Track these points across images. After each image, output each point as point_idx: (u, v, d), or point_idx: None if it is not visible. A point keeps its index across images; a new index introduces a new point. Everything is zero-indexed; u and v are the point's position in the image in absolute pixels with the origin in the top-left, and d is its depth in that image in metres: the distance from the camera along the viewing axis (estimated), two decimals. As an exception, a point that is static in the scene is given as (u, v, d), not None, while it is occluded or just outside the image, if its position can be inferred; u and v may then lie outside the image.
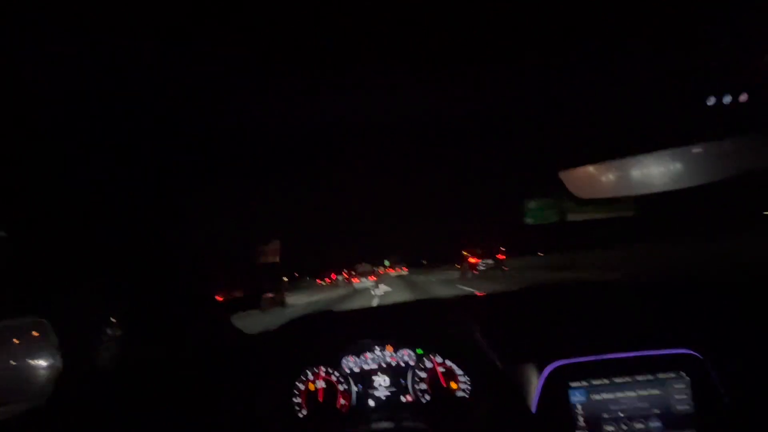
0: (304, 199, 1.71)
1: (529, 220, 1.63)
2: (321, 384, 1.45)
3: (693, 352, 1.23)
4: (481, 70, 0.95)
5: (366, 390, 1.46)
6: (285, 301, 14.26)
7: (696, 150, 1.03)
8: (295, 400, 1.44)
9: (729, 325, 1.27)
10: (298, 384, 1.45)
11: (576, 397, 1.23)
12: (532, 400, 1.22)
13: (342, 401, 1.44)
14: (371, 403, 1.45)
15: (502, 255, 16.39)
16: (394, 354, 1.49)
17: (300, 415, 1.43)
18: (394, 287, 16.52)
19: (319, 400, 1.43)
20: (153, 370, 1.26)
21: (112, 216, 1.17)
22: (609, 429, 1.21)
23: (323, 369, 1.47)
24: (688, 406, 1.21)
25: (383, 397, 1.45)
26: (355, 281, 19.77)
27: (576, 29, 0.81)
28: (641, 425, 1.21)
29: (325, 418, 1.42)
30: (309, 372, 1.47)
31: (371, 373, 1.47)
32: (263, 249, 1.82)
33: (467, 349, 1.42)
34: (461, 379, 1.42)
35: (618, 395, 1.23)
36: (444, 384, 1.42)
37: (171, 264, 1.37)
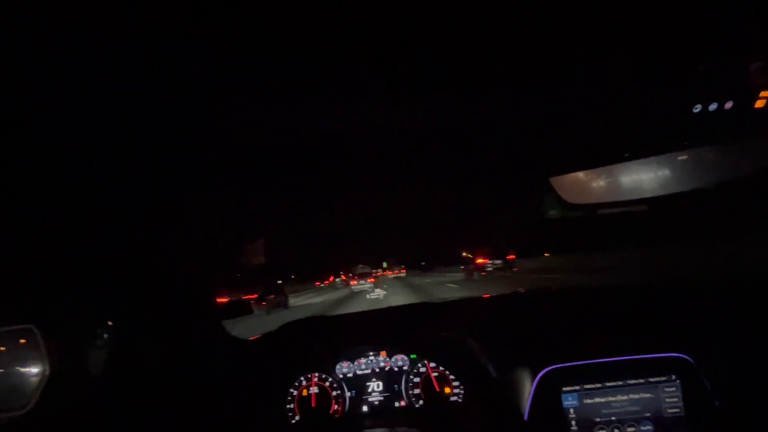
0: (302, 202, 1.71)
1: (553, 212, 1.58)
2: (314, 389, 1.45)
3: (684, 356, 1.24)
4: (477, 79, 0.96)
5: (359, 395, 1.45)
6: (287, 303, 14.35)
7: (683, 156, 1.04)
8: (288, 405, 1.43)
9: (720, 330, 1.28)
10: (291, 390, 1.45)
11: (568, 402, 1.24)
12: (524, 404, 1.22)
13: (335, 407, 1.43)
14: (365, 409, 1.44)
15: (512, 255, 15.63)
16: (387, 359, 1.49)
17: (293, 421, 1.42)
18: (392, 290, 15.93)
19: (312, 405, 1.43)
20: (146, 375, 1.24)
21: (105, 219, 1.16)
22: (601, 433, 1.22)
23: (317, 374, 1.47)
24: (679, 409, 1.22)
25: (377, 403, 1.44)
26: (353, 283, 19.71)
27: (566, 40, 0.82)
28: (633, 429, 1.22)
29: (318, 423, 1.42)
30: (302, 377, 1.46)
31: (365, 379, 1.47)
32: (248, 249, 1.79)
33: (461, 354, 1.42)
34: (454, 384, 1.43)
35: (610, 399, 1.24)
36: (437, 389, 1.42)
37: (166, 270, 1.36)
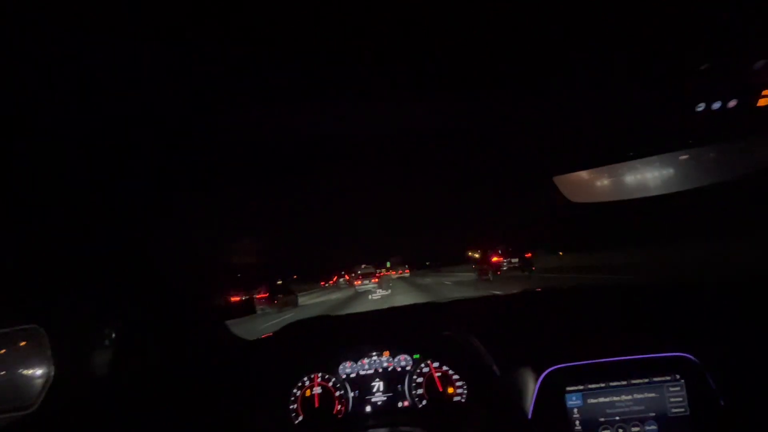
0: (304, 202, 1.71)
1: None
2: (317, 390, 1.45)
3: (688, 355, 1.23)
4: (480, 78, 0.96)
5: (362, 395, 1.45)
6: (297, 302, 14.56)
7: (687, 155, 1.04)
8: (291, 406, 1.43)
9: (724, 329, 1.27)
10: (294, 390, 1.45)
11: (572, 401, 1.23)
12: (528, 404, 1.22)
13: (338, 407, 1.43)
14: (368, 409, 1.44)
15: (530, 253, 14.17)
16: (391, 359, 1.48)
17: (296, 422, 1.42)
18: (398, 291, 15.19)
19: (316, 406, 1.43)
20: (149, 376, 1.25)
21: (108, 220, 1.17)
22: (605, 433, 1.22)
23: (320, 375, 1.47)
24: (683, 409, 1.21)
25: (380, 403, 1.44)
26: (357, 283, 19.66)
27: (569, 40, 0.82)
28: (637, 428, 1.21)
29: (322, 424, 1.42)
30: (306, 378, 1.46)
31: (368, 379, 1.47)
32: (237, 248, 1.77)
33: (464, 354, 1.42)
34: (458, 384, 1.42)
35: (614, 399, 1.23)
36: (440, 389, 1.42)
37: (167, 270, 1.37)
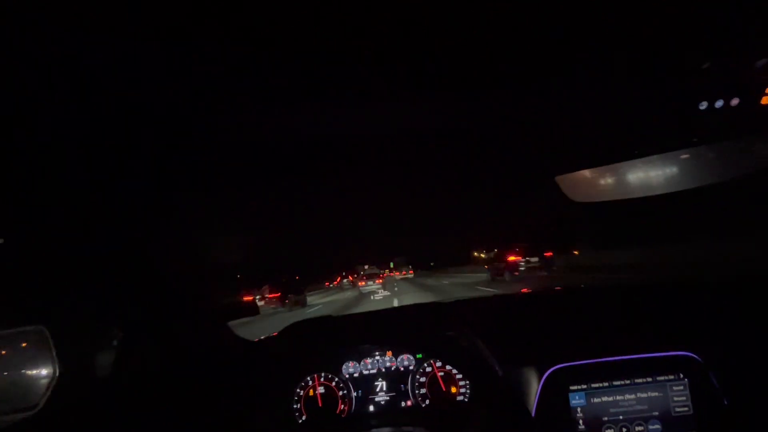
0: (306, 202, 1.71)
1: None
2: (321, 389, 1.45)
3: (692, 354, 1.23)
4: (482, 78, 0.96)
5: (366, 395, 1.45)
6: (306, 302, 14.88)
7: (690, 153, 1.04)
8: (295, 406, 1.44)
9: (728, 328, 1.27)
10: (297, 390, 1.45)
11: (576, 401, 1.23)
12: (531, 403, 1.22)
13: (342, 407, 1.44)
14: (371, 409, 1.44)
15: (550, 252, 12.94)
16: (394, 359, 1.49)
17: (300, 421, 1.42)
18: (404, 292, 14.57)
19: (319, 405, 1.43)
20: (153, 376, 1.25)
21: (111, 220, 1.17)
22: (609, 432, 1.21)
23: (323, 374, 1.47)
24: (687, 408, 1.21)
25: (383, 402, 1.45)
26: (361, 284, 19.64)
27: (572, 39, 0.82)
28: (641, 428, 1.21)
29: (325, 423, 1.42)
30: (309, 378, 1.47)
31: (371, 379, 1.47)
32: (220, 246, 1.74)
33: (467, 354, 1.42)
34: (461, 384, 1.42)
35: (617, 398, 1.23)
36: (444, 388, 1.42)
37: (170, 270, 1.37)
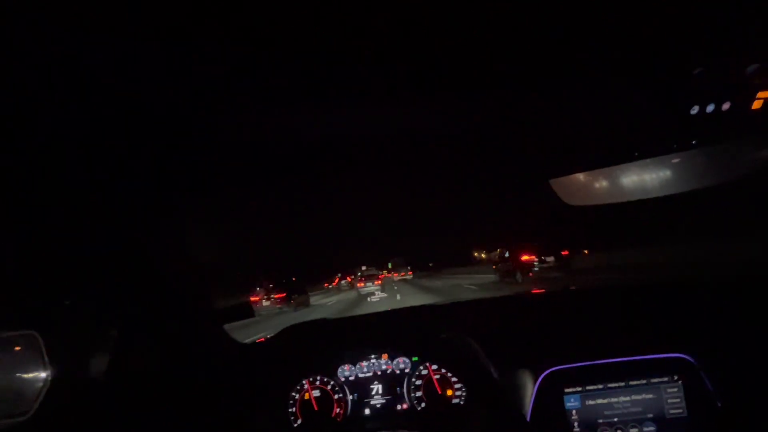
0: (305, 204, 1.71)
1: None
2: (316, 393, 1.45)
3: (686, 356, 1.24)
4: (478, 80, 0.97)
5: (361, 398, 1.45)
6: (309, 302, 15.25)
7: (681, 157, 1.05)
8: (290, 409, 1.43)
9: (722, 330, 1.28)
10: (293, 393, 1.45)
11: (571, 403, 1.24)
12: (527, 406, 1.22)
13: (337, 410, 1.43)
14: (367, 412, 1.44)
15: (567, 251, 11.94)
16: (389, 362, 1.48)
17: (295, 425, 1.42)
18: (406, 295, 13.82)
19: (314, 409, 1.43)
20: (148, 380, 1.24)
21: (105, 222, 1.17)
22: (604, 434, 1.22)
23: (318, 378, 1.47)
24: (681, 410, 1.22)
25: (378, 405, 1.44)
26: (360, 285, 19.56)
27: (564, 43, 0.83)
28: (635, 429, 1.22)
29: (321, 427, 1.41)
30: (304, 381, 1.46)
31: (367, 382, 1.47)
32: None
33: (462, 357, 1.42)
34: (456, 387, 1.42)
35: (612, 400, 1.24)
36: (439, 391, 1.42)
37: (166, 272, 1.37)
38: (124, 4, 0.62)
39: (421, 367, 1.46)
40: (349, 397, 1.45)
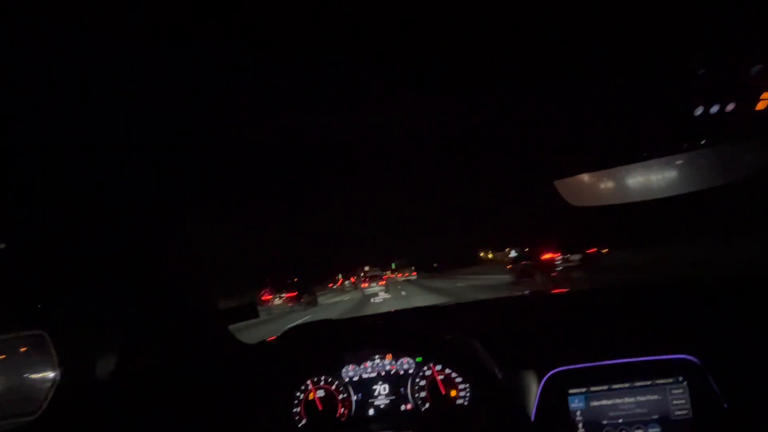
0: (309, 205, 1.72)
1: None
2: (320, 393, 1.45)
3: (691, 357, 1.23)
4: (482, 81, 0.97)
5: (365, 398, 1.45)
6: (317, 302, 15.46)
7: (686, 158, 1.04)
8: (295, 409, 1.44)
9: (727, 331, 1.27)
10: (297, 393, 1.45)
11: (575, 404, 1.23)
12: (531, 407, 1.22)
13: (342, 410, 1.44)
14: (371, 412, 1.44)
15: (594, 248, 10.52)
16: (393, 362, 1.49)
17: (299, 425, 1.42)
18: (414, 295, 13.47)
19: (319, 409, 1.43)
20: (153, 380, 1.25)
21: (110, 222, 1.18)
22: (608, 435, 1.21)
23: (323, 378, 1.47)
24: (686, 411, 1.21)
25: (383, 406, 1.45)
26: (364, 286, 19.52)
27: (568, 44, 0.83)
28: (640, 431, 1.21)
29: (325, 427, 1.42)
30: (309, 381, 1.47)
31: (371, 382, 1.47)
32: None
33: (466, 357, 1.42)
34: (461, 387, 1.42)
35: (617, 401, 1.23)
36: (443, 392, 1.42)
37: (170, 272, 1.38)
38: (124, 3, 0.62)
39: (425, 368, 1.46)
40: (354, 398, 1.45)
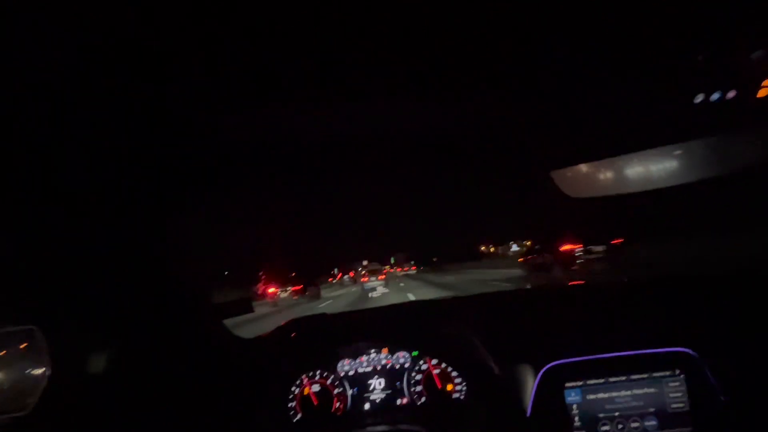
0: (307, 201, 1.71)
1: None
2: (316, 388, 1.45)
3: (688, 350, 1.22)
4: (479, 73, 0.95)
5: (361, 393, 1.45)
6: (320, 294, 16.04)
7: (686, 147, 1.02)
8: (290, 404, 1.43)
9: (724, 324, 1.27)
10: (292, 388, 1.45)
11: (571, 397, 1.23)
12: (527, 401, 1.22)
13: (337, 404, 1.43)
14: (367, 406, 1.44)
15: (620, 239, 8.98)
16: (389, 356, 1.48)
17: (295, 420, 1.42)
18: (414, 288, 13.29)
19: (314, 403, 1.43)
20: (147, 375, 1.25)
21: (105, 219, 1.17)
22: (605, 428, 1.21)
23: (318, 372, 1.47)
24: (683, 404, 1.21)
25: (379, 400, 1.44)
26: (364, 280, 19.55)
27: (567, 32, 0.81)
28: (637, 424, 1.21)
29: (321, 421, 1.42)
30: (304, 376, 1.46)
31: (367, 376, 1.47)
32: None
33: (462, 351, 1.41)
34: (457, 381, 1.42)
35: (613, 394, 1.23)
36: (439, 386, 1.41)
37: (165, 269, 1.36)
38: (124, 3, 0.62)
39: (421, 362, 1.45)
40: (349, 392, 1.45)
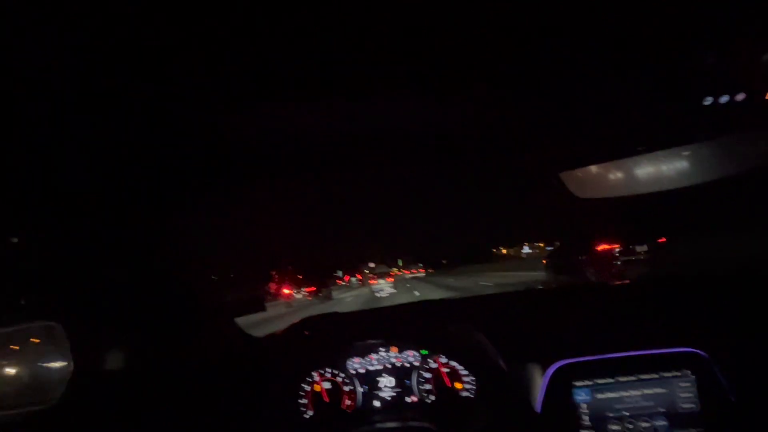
0: (308, 199, 1.72)
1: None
2: (327, 385, 1.47)
3: (698, 350, 1.22)
4: (486, 73, 0.96)
5: (371, 391, 1.47)
6: (331, 296, 15.71)
7: (695, 149, 1.03)
8: (301, 401, 1.46)
9: (734, 324, 1.26)
10: (303, 385, 1.47)
11: (580, 397, 1.23)
12: (536, 399, 1.22)
13: (347, 402, 1.45)
14: (376, 404, 1.46)
15: (665, 238, 9.25)
16: (399, 355, 1.50)
17: (306, 416, 1.44)
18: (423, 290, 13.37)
19: (325, 400, 1.45)
20: (161, 372, 1.28)
21: (120, 219, 1.19)
22: (614, 428, 1.21)
23: (329, 370, 1.49)
24: (693, 404, 1.21)
25: (388, 398, 1.46)
26: (372, 283, 19.47)
27: (575, 33, 0.81)
28: (647, 424, 1.21)
29: (331, 418, 1.44)
30: (315, 373, 1.48)
31: (376, 374, 1.48)
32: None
33: (471, 350, 1.42)
34: (466, 379, 1.43)
35: (623, 394, 1.23)
36: (449, 384, 1.43)
37: (180, 267, 1.39)
38: (125, 3, 0.63)
39: (430, 360, 1.47)
40: (359, 390, 1.47)
